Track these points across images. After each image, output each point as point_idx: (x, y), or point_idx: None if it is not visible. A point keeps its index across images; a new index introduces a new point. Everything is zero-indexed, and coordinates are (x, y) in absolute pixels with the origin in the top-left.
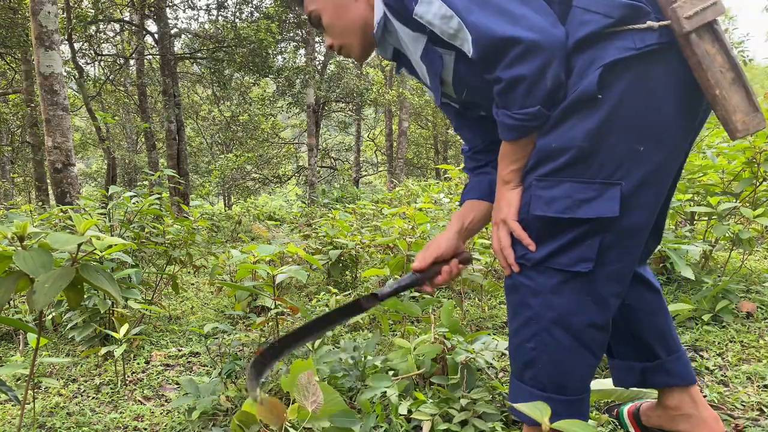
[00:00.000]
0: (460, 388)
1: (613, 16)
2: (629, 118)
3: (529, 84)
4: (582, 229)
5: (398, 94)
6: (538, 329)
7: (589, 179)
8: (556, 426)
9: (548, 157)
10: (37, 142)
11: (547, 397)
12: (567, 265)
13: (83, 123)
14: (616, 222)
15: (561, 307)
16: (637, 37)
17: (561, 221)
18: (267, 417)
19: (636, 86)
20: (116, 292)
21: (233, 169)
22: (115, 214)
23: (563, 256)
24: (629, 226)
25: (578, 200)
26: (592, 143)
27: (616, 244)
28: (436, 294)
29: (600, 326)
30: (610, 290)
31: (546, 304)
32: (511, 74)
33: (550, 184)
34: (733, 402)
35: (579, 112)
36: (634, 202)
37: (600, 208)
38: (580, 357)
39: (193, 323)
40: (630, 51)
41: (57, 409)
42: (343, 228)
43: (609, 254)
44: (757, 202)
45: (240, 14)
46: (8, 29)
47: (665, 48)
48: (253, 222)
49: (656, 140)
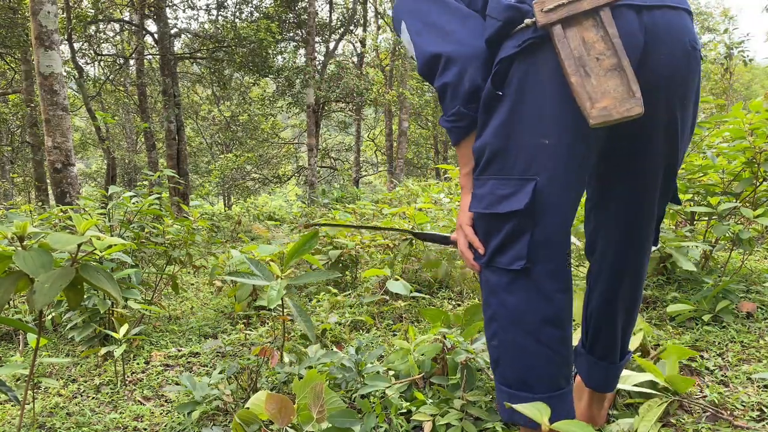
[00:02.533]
0: (459, 389)
1: (500, 19)
2: (529, 112)
3: (452, 89)
4: (509, 226)
5: (398, 94)
6: (497, 327)
7: (507, 176)
8: (556, 426)
9: (477, 157)
10: (37, 142)
11: (513, 394)
12: (507, 264)
13: (83, 123)
14: (540, 219)
15: (513, 306)
16: (519, 36)
17: (490, 218)
18: (274, 414)
19: (528, 79)
20: (116, 292)
21: (233, 169)
22: (114, 214)
23: (503, 256)
24: (552, 223)
25: (499, 196)
26: (502, 140)
27: (545, 242)
28: (436, 295)
29: (552, 322)
30: (551, 287)
31: (501, 302)
32: (439, 83)
33: (480, 183)
34: (733, 402)
35: (488, 111)
36: (552, 197)
37: (514, 204)
38: (537, 354)
39: (192, 323)
40: (514, 48)
41: (57, 409)
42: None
43: (541, 252)
44: (757, 202)
45: (240, 14)
46: (8, 29)
47: (540, 41)
48: (253, 222)
49: (559, 132)
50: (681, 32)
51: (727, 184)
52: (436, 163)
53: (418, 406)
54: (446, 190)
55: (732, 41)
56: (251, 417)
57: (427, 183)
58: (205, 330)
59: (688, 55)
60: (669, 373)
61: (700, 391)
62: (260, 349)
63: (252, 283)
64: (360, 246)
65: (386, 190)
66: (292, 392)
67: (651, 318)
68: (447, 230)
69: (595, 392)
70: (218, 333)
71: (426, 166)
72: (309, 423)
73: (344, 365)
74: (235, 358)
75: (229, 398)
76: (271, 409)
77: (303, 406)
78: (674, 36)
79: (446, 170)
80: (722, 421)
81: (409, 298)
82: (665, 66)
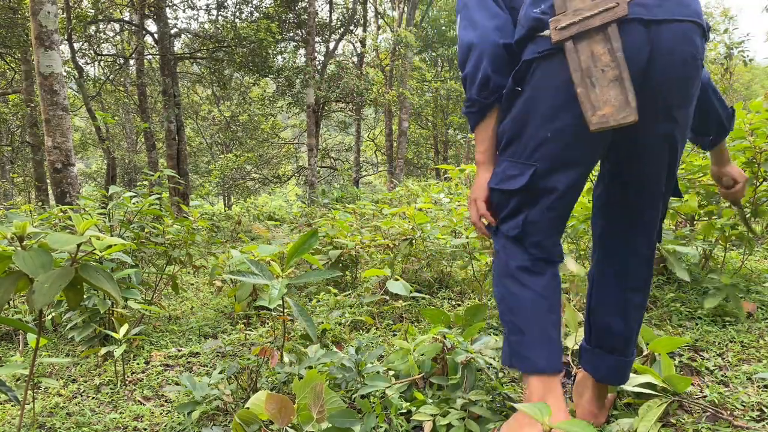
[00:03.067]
0: (460, 389)
1: (525, 26)
2: (540, 110)
3: (470, 78)
4: (514, 201)
5: (398, 94)
6: (497, 282)
7: (517, 159)
8: (557, 426)
9: (499, 140)
10: (37, 142)
11: (510, 340)
12: (507, 231)
13: (83, 123)
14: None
15: (504, 260)
16: (540, 43)
17: (501, 193)
18: (274, 414)
19: (543, 82)
20: (116, 292)
21: (233, 169)
22: (114, 214)
23: (506, 224)
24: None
25: (508, 176)
26: (517, 129)
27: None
28: (436, 295)
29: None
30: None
31: (498, 260)
32: (463, 73)
33: (499, 162)
34: (733, 402)
35: (508, 102)
36: (547, 183)
37: (516, 183)
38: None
39: (192, 323)
40: (535, 54)
41: (57, 409)
42: (343, 228)
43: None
44: (757, 202)
45: (240, 14)
46: (8, 29)
47: (556, 51)
48: (253, 222)
49: (562, 130)
50: (684, 44)
51: None
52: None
53: (418, 406)
54: (446, 190)
55: (732, 41)
56: (251, 417)
57: (427, 183)
58: (205, 330)
59: (686, 65)
60: (665, 373)
61: (699, 391)
62: (260, 349)
63: (253, 282)
64: (360, 246)
65: (386, 190)
66: (292, 392)
67: (651, 318)
68: (447, 230)
69: (598, 388)
70: (218, 333)
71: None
72: (309, 423)
73: (344, 365)
74: (235, 358)
75: (229, 398)
76: (271, 409)
77: (303, 406)
78: (677, 47)
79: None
80: (722, 421)
81: (409, 298)
82: (666, 75)
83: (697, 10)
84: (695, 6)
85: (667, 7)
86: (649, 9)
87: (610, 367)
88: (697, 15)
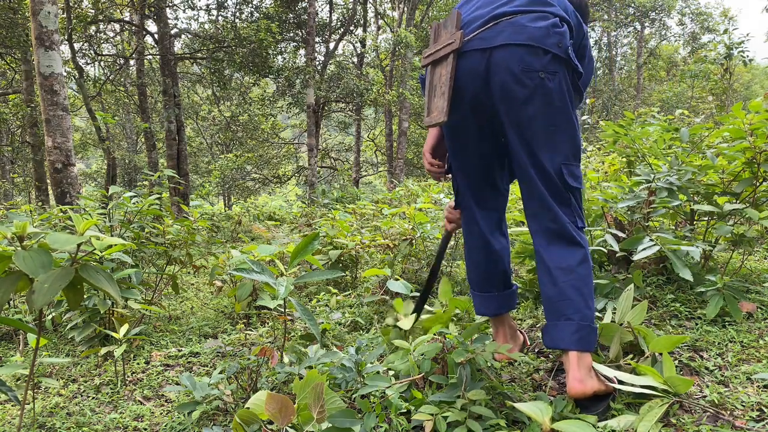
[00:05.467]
0: (459, 388)
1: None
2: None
3: None
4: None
5: (398, 94)
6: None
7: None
8: (556, 426)
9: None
10: (37, 142)
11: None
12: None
13: (83, 123)
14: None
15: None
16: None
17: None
18: (274, 414)
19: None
20: (116, 292)
21: (233, 169)
22: (115, 215)
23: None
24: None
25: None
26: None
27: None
28: (436, 295)
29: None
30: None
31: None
32: None
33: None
34: (733, 402)
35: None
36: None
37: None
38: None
39: (192, 323)
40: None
41: (57, 409)
42: (343, 228)
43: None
44: (757, 202)
45: (240, 14)
46: (8, 29)
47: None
48: (253, 222)
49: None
50: (514, 62)
51: (727, 184)
52: None
53: (418, 405)
54: (446, 190)
55: (732, 41)
56: (251, 417)
57: (427, 183)
58: (205, 330)
59: (517, 76)
60: (667, 374)
61: (700, 391)
62: (260, 349)
63: (256, 279)
64: (360, 246)
65: (386, 190)
66: (292, 392)
67: (651, 318)
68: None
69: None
70: (218, 333)
71: None
72: (309, 423)
73: (344, 365)
74: (235, 358)
75: (229, 398)
76: (271, 409)
77: (303, 406)
78: (507, 66)
79: None
80: (722, 421)
81: (409, 298)
82: (499, 86)
83: (533, 35)
84: (531, 32)
85: (504, 36)
86: (487, 41)
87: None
88: (532, 39)
